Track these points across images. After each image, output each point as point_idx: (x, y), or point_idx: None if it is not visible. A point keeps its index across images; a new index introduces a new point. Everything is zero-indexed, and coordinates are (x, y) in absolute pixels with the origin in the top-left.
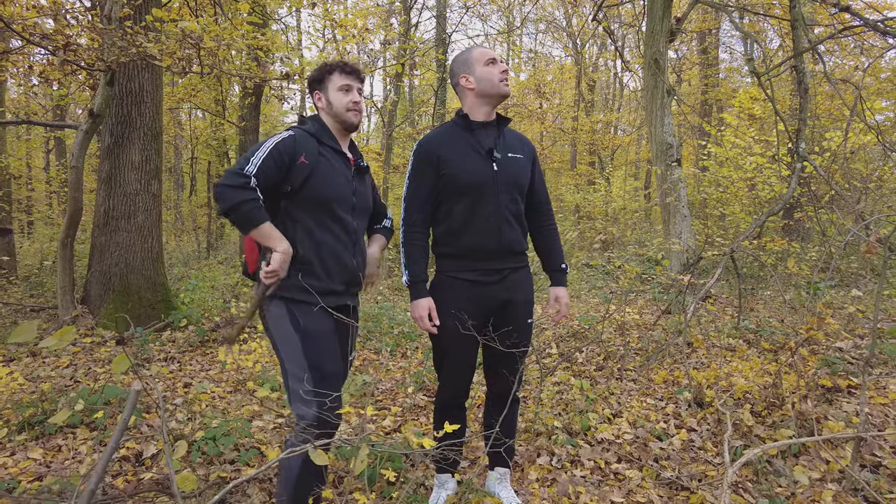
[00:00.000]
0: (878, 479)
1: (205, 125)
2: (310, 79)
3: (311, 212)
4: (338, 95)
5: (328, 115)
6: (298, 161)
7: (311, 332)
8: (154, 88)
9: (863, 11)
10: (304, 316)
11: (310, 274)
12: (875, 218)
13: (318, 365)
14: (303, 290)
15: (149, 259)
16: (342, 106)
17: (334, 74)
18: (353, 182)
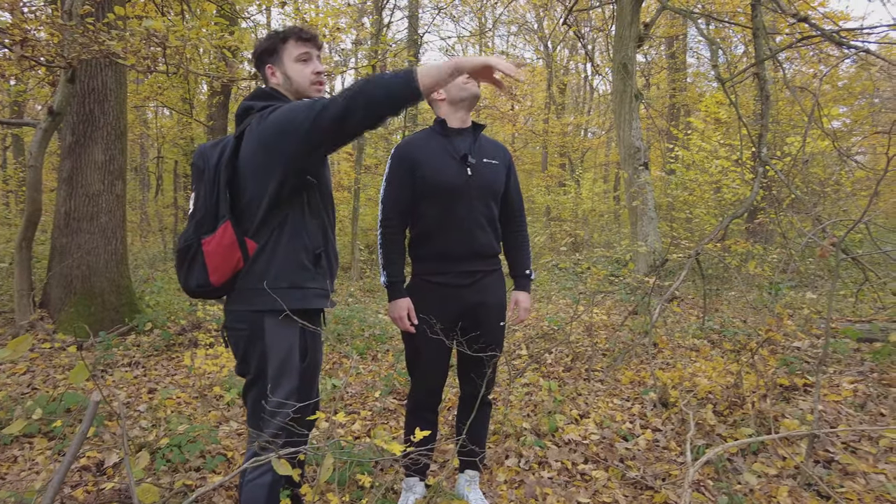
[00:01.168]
0: (831, 474)
1: (171, 123)
2: (259, 50)
3: (323, 206)
4: (297, 67)
5: (287, 91)
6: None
7: (314, 363)
8: (118, 86)
9: (821, 21)
10: (313, 343)
11: (325, 277)
12: (832, 222)
13: (306, 399)
14: (320, 297)
15: (112, 261)
16: (305, 80)
17: (289, 42)
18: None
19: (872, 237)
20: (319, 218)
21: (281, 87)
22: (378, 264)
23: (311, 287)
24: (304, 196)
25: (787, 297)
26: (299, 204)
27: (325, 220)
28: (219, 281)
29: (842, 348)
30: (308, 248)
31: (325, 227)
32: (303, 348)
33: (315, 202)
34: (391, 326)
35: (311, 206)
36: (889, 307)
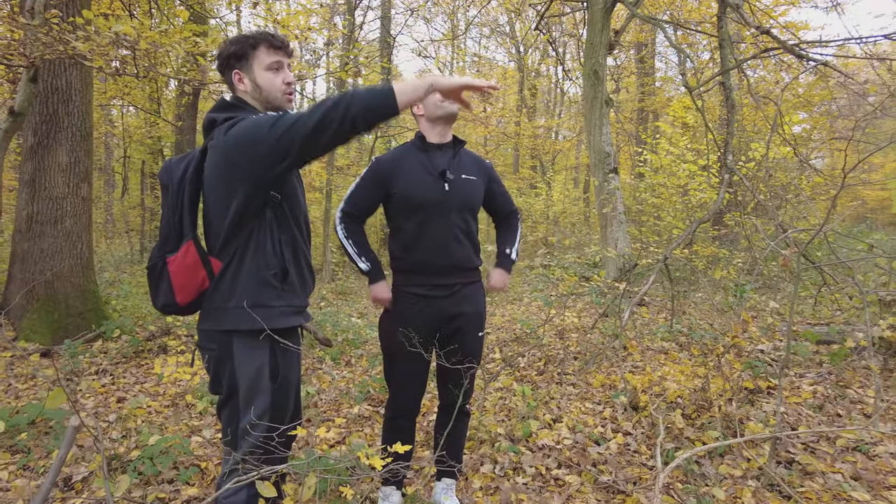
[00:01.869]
0: (792, 474)
1: (138, 123)
2: (226, 54)
3: (290, 223)
4: (267, 76)
5: (255, 100)
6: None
7: (287, 379)
8: (83, 86)
9: (782, 32)
10: (286, 361)
11: (295, 293)
12: (795, 231)
13: (283, 414)
14: (289, 315)
15: (78, 266)
16: (276, 89)
17: (260, 49)
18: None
19: (830, 243)
20: (289, 233)
21: (248, 96)
22: (350, 259)
23: (277, 305)
24: (271, 212)
25: (751, 300)
26: (265, 220)
27: (296, 233)
28: (185, 301)
29: (802, 351)
30: (273, 266)
31: (296, 242)
32: (273, 367)
33: (283, 217)
34: (365, 330)
35: (278, 221)
36: (846, 310)
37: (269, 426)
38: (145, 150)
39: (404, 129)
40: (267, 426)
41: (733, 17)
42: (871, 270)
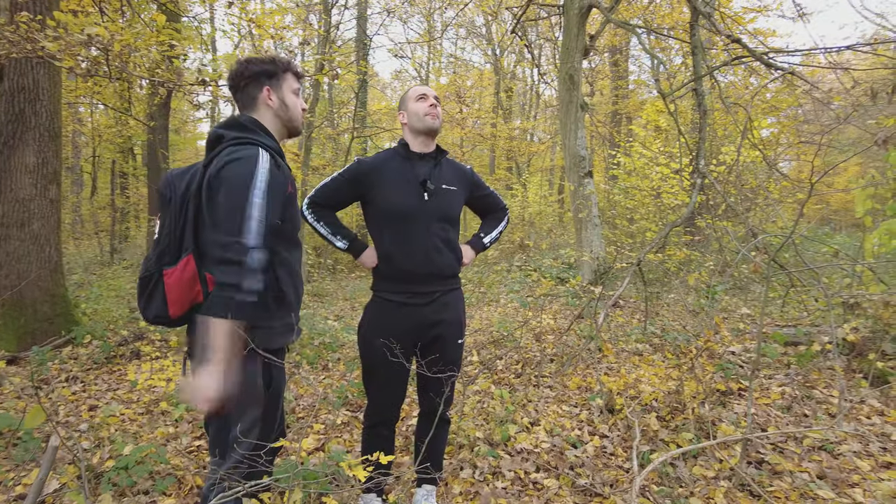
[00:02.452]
0: (762, 474)
1: (108, 122)
2: (258, 71)
3: (287, 242)
4: (293, 99)
5: (276, 116)
6: (288, 192)
7: (277, 391)
8: (51, 85)
9: (750, 38)
10: (277, 371)
11: (289, 310)
12: (766, 235)
13: (272, 427)
14: (285, 333)
15: (46, 269)
16: (298, 112)
17: (289, 74)
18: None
19: (797, 246)
20: (285, 252)
21: (269, 113)
22: (326, 240)
23: (273, 326)
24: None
25: (723, 302)
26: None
27: (292, 251)
28: (177, 314)
29: (771, 353)
30: (271, 288)
31: (292, 261)
32: (267, 378)
33: (280, 238)
34: (341, 333)
35: (274, 242)
36: (812, 312)
37: (256, 438)
38: (115, 149)
39: (380, 130)
40: (254, 438)
41: (705, 24)
42: (835, 273)
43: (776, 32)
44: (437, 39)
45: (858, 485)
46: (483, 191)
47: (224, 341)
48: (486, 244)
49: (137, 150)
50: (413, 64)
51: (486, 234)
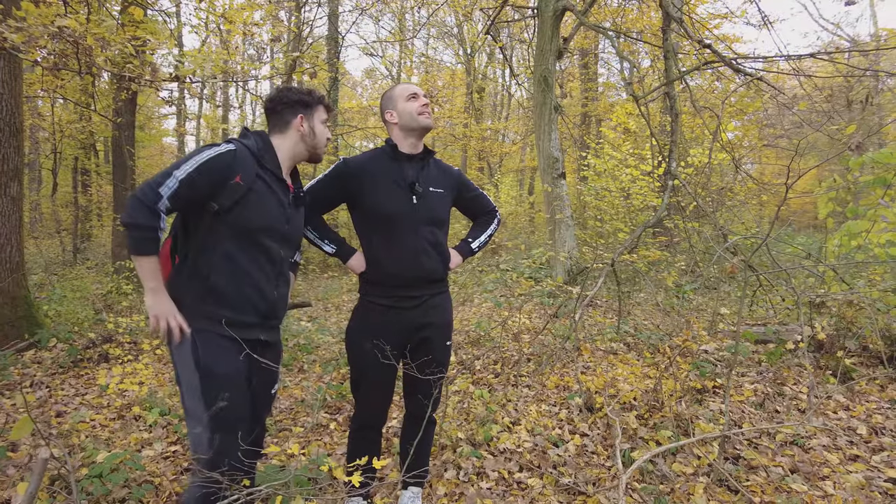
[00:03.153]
0: (738, 469)
1: (70, 117)
2: (294, 98)
3: (235, 237)
4: (322, 129)
5: (303, 142)
6: (233, 180)
7: (213, 372)
8: (11, 78)
9: (716, 43)
10: (208, 351)
11: (221, 303)
12: (741, 237)
13: (218, 412)
14: (210, 320)
15: (6, 270)
16: (324, 140)
17: (320, 107)
18: (289, 210)
19: (769, 249)
20: (228, 245)
21: (300, 136)
22: (314, 244)
23: (191, 304)
24: (205, 221)
25: (694, 301)
26: (199, 228)
27: (242, 247)
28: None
29: (742, 351)
30: (189, 265)
31: (232, 256)
32: (196, 357)
33: (221, 229)
34: (316, 335)
35: (214, 232)
36: (779, 311)
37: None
38: (76, 146)
39: (352, 128)
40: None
41: (676, 29)
42: (800, 273)
43: (741, 39)
44: (409, 39)
45: (829, 477)
46: (471, 192)
47: (142, 273)
48: (475, 249)
49: (100, 146)
50: (385, 63)
51: (474, 238)
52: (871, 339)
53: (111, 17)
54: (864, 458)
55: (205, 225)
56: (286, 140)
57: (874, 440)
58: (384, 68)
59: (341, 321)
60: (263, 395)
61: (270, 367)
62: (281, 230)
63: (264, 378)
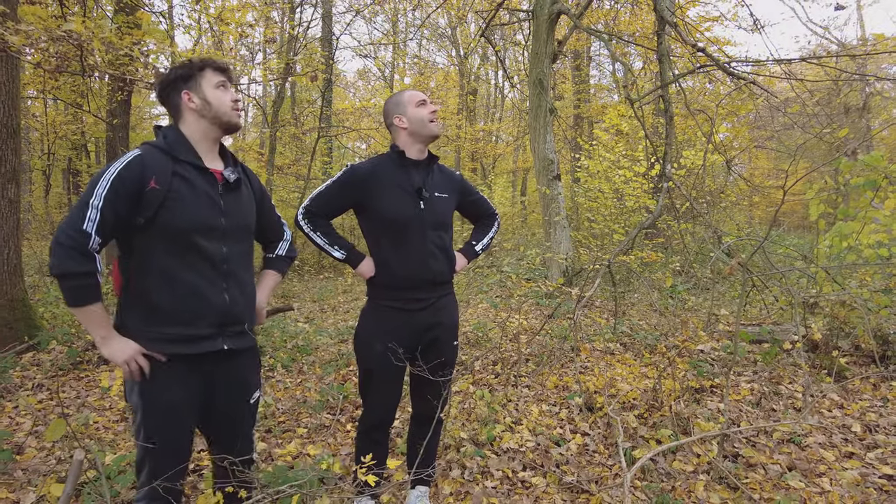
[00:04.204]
0: (737, 467)
1: (63, 118)
2: (173, 77)
3: (166, 246)
4: (217, 94)
5: (203, 117)
6: (148, 187)
7: (155, 401)
8: (9, 79)
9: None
10: (151, 379)
11: (166, 321)
12: (735, 240)
13: (156, 441)
14: (155, 342)
15: (5, 273)
16: (225, 105)
17: (206, 71)
18: (222, 201)
19: (765, 250)
20: (156, 259)
21: (195, 115)
22: (323, 250)
23: (140, 330)
24: (135, 241)
25: (689, 302)
26: (132, 250)
27: (168, 260)
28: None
29: (739, 351)
30: (130, 289)
31: (166, 269)
32: (142, 386)
33: (153, 241)
34: (314, 336)
35: (147, 245)
36: (773, 311)
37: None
38: (68, 146)
39: (346, 130)
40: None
41: (670, 33)
42: (792, 273)
43: (731, 42)
44: (402, 41)
45: (825, 474)
46: (472, 196)
47: (88, 325)
48: (478, 252)
49: (91, 147)
50: (378, 64)
51: (477, 241)
52: (863, 339)
53: (106, 17)
54: (859, 455)
55: (136, 243)
56: (188, 124)
57: (868, 437)
58: (377, 69)
59: (338, 322)
60: (238, 407)
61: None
62: (215, 225)
63: (236, 389)
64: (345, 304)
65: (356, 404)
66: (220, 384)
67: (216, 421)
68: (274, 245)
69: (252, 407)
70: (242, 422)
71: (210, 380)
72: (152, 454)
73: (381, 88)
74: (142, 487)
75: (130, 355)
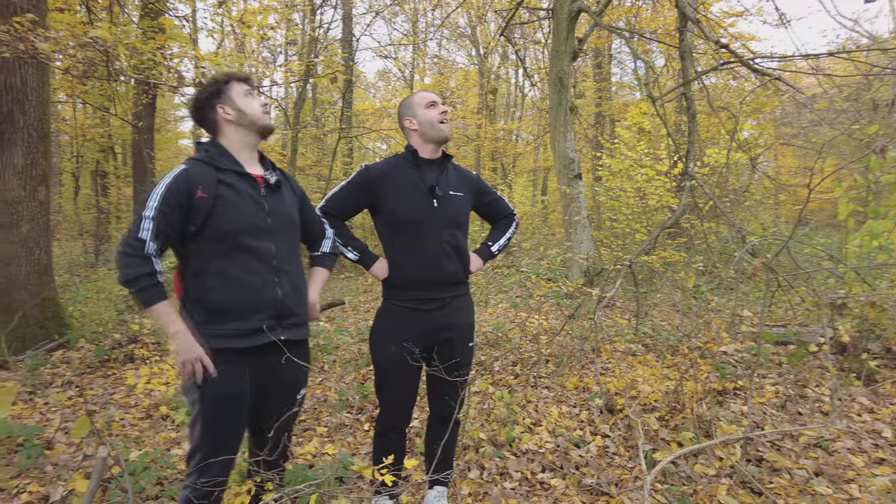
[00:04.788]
0: (761, 471)
1: (91, 121)
2: (203, 96)
3: (218, 248)
4: (247, 101)
5: (240, 126)
6: (196, 196)
7: (214, 393)
8: (40, 85)
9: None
10: (216, 372)
11: (225, 318)
12: (760, 239)
13: (211, 431)
14: (218, 338)
15: (35, 273)
16: (256, 110)
17: (232, 83)
18: (266, 203)
19: (790, 250)
20: (211, 263)
21: (233, 124)
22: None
23: (202, 327)
24: (189, 247)
25: (712, 303)
26: (188, 256)
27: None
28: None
29: (763, 352)
30: (190, 291)
31: (221, 270)
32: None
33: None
34: (335, 335)
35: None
36: (799, 312)
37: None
38: (96, 148)
39: (366, 130)
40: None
41: (692, 29)
42: (820, 273)
43: (756, 37)
44: (423, 41)
45: (854, 480)
46: (489, 196)
47: (160, 322)
48: (494, 252)
49: (118, 149)
50: (398, 64)
51: (493, 242)
52: (894, 341)
53: (131, 22)
54: (889, 461)
55: (190, 250)
56: (227, 136)
57: None
58: (397, 70)
59: (359, 321)
60: (286, 403)
61: (301, 364)
62: (261, 225)
63: (286, 386)
64: (365, 304)
65: (375, 404)
66: (274, 380)
67: (264, 415)
68: (318, 243)
69: (299, 402)
70: (288, 417)
71: (266, 374)
72: (205, 444)
73: (401, 89)
74: (190, 475)
75: (192, 358)
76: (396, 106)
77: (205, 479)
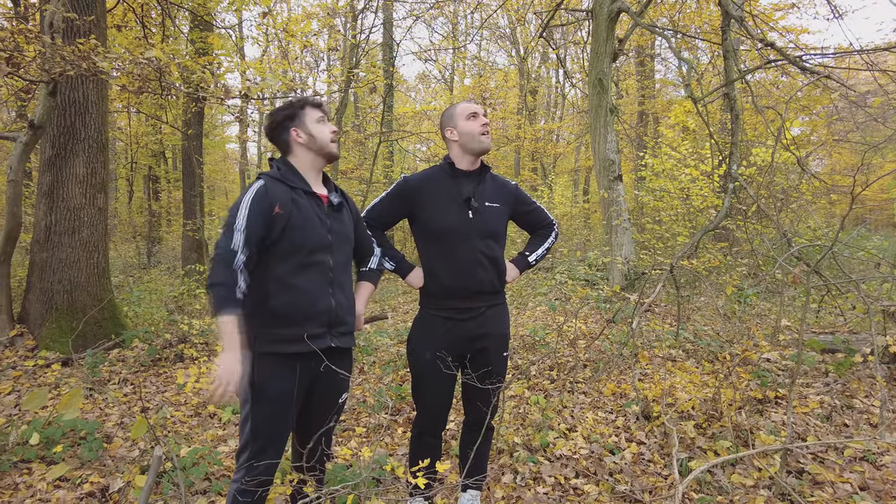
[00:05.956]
0: (802, 484)
1: (146, 130)
2: (279, 118)
3: (284, 259)
4: (319, 127)
5: (308, 149)
6: (274, 212)
7: (265, 394)
8: (99, 99)
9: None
10: (264, 373)
11: (284, 323)
12: (803, 245)
13: (259, 430)
14: (276, 342)
15: (94, 275)
16: (326, 138)
17: (307, 108)
18: (328, 221)
19: (835, 254)
20: (280, 269)
21: (303, 149)
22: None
23: (264, 332)
24: (265, 254)
25: (756, 308)
26: (262, 259)
27: (283, 270)
28: None
29: (808, 360)
30: (255, 297)
31: (282, 277)
32: (252, 376)
33: (273, 257)
34: (375, 337)
35: (268, 261)
36: (849, 319)
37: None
38: (148, 154)
39: (406, 134)
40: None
41: (736, 27)
42: (872, 278)
43: (807, 30)
44: (463, 43)
45: None
46: (528, 206)
47: (222, 332)
48: (531, 262)
49: (168, 154)
50: (438, 67)
51: (531, 251)
52: None
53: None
54: None
55: (259, 259)
56: (297, 156)
57: None
58: (437, 72)
59: (398, 323)
60: (330, 405)
61: (341, 374)
62: (324, 242)
63: (332, 389)
64: (404, 305)
65: (412, 405)
66: (322, 383)
67: (309, 415)
68: (367, 259)
69: (340, 406)
70: (331, 419)
71: (314, 376)
72: (255, 441)
73: (441, 91)
74: (238, 471)
75: (226, 381)
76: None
77: (250, 477)
